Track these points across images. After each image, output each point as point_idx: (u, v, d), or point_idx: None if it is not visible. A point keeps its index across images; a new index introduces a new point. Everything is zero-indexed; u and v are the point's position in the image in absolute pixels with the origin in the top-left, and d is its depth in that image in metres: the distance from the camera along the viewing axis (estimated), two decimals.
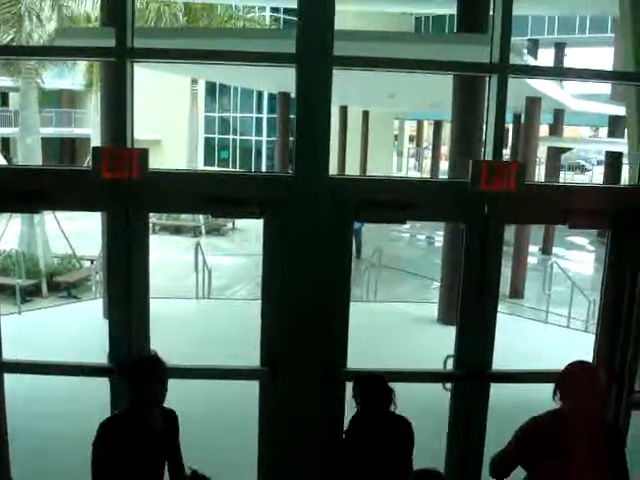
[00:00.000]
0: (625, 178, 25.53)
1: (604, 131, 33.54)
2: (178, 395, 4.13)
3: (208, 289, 13.77)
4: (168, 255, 19.07)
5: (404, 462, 4.12)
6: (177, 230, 25.35)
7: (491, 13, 4.92)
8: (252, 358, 5.07)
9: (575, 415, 3.79)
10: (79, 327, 10.26)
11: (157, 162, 4.99)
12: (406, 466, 4.08)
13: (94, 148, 4.73)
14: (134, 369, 4.01)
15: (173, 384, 4.02)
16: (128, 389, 3.90)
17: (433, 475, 3.54)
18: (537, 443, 3.81)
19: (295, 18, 4.83)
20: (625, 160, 25.38)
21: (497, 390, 5.13)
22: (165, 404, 3.98)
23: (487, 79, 4.94)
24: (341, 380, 4.96)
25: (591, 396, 3.81)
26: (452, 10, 12.17)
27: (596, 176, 40.73)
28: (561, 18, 38.30)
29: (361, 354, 5.20)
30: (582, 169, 47.92)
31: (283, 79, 15.72)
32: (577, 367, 3.92)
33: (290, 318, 4.95)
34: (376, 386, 4.15)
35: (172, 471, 4.03)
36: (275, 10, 36.24)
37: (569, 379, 3.88)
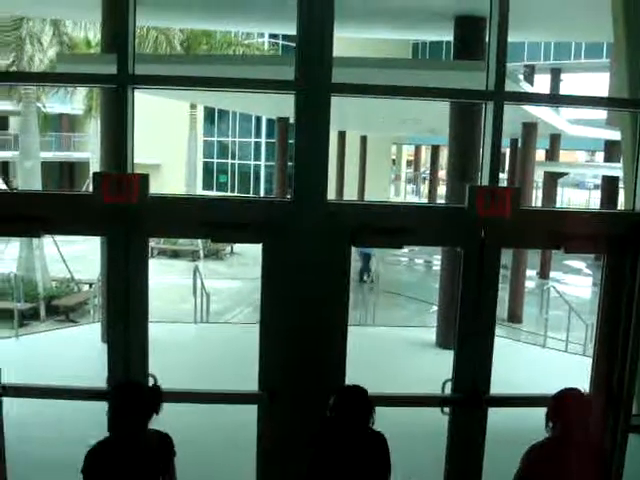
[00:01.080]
0: (621, 202, 25.61)
1: (600, 155, 33.69)
2: (176, 419, 4.14)
3: (206, 313, 13.75)
4: (166, 279, 19.08)
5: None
6: (175, 254, 25.36)
7: (487, 40, 5.00)
8: (250, 382, 5.08)
9: (566, 441, 3.84)
10: (77, 351, 10.24)
11: (156, 186, 5.04)
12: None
13: (95, 173, 4.78)
14: (113, 396, 3.98)
15: (172, 408, 4.03)
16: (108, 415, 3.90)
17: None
18: (544, 465, 3.87)
19: (293, 44, 4.90)
20: (621, 184, 25.47)
21: (496, 416, 5.14)
22: (163, 427, 3.98)
23: (484, 105, 5.01)
24: None
25: (581, 423, 3.87)
26: (449, 37, 12.30)
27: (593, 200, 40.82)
28: (557, 44, 38.64)
29: (359, 378, 5.20)
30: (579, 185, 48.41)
31: (282, 104, 15.83)
32: (566, 396, 3.96)
33: (288, 342, 4.97)
34: (355, 398, 3.96)
35: None
36: (274, 36, 36.58)
37: (559, 409, 3.92)
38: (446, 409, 5.16)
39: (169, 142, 35.13)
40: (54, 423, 6.95)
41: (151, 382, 4.96)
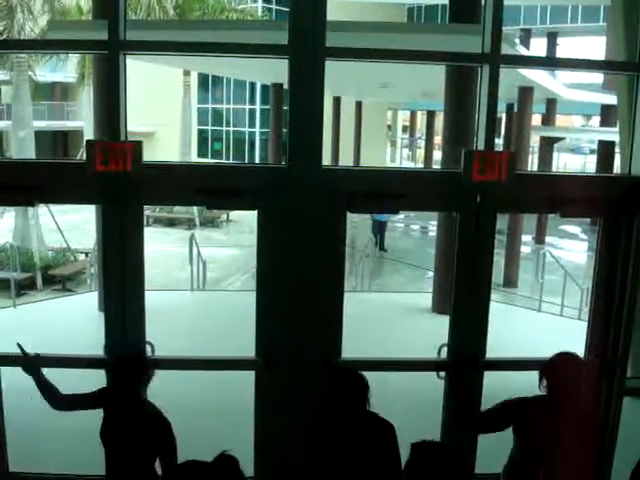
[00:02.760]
0: (617, 166, 25.60)
1: (596, 120, 33.57)
2: (174, 386, 4.17)
3: (203, 281, 13.79)
4: (162, 247, 19.08)
5: (382, 467, 3.79)
6: (171, 222, 25.36)
7: (483, 3, 4.94)
8: (247, 349, 5.10)
9: (560, 403, 3.88)
10: (74, 320, 10.27)
11: (150, 154, 5.00)
12: (387, 471, 3.80)
13: (88, 141, 4.74)
14: (115, 365, 4.14)
15: (169, 375, 4.06)
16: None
17: (437, 446, 3.17)
18: (530, 415, 3.93)
19: (287, 8, 4.84)
20: (617, 149, 25.43)
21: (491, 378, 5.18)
22: (162, 394, 4.02)
23: (479, 69, 4.96)
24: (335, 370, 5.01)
25: (574, 385, 3.90)
26: (444, 0, 12.17)
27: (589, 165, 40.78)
28: (553, 7, 38.33)
29: (356, 344, 5.24)
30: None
31: (276, 70, 15.70)
32: (562, 358, 3.99)
33: (285, 308, 4.98)
34: (347, 382, 3.83)
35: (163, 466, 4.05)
36: (267, 1, 36.19)
37: (554, 370, 3.95)
38: (442, 373, 5.20)
39: (163, 110, 34.91)
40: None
41: (148, 349, 5.00)
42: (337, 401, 3.80)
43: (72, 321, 10.24)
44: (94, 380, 4.84)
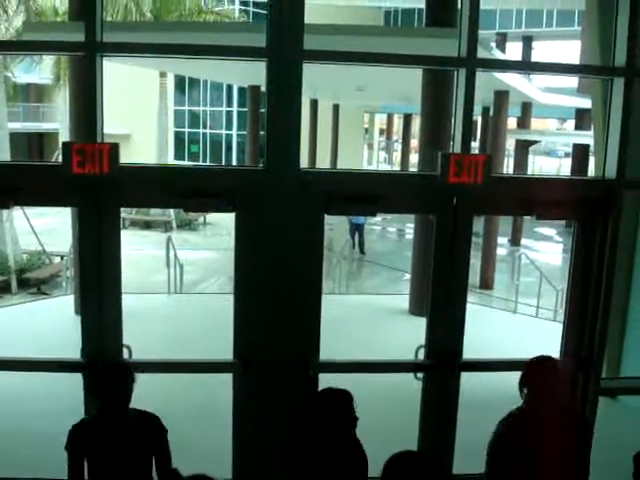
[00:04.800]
0: (592, 170, 25.88)
1: (571, 123, 33.90)
2: (152, 389, 4.14)
3: (180, 284, 13.72)
4: (139, 250, 18.96)
5: None
6: (148, 225, 25.21)
7: (459, 7, 4.98)
8: (225, 352, 5.09)
9: (542, 408, 3.88)
10: (50, 324, 10.17)
11: (127, 156, 4.96)
12: None
13: (64, 143, 4.71)
14: (99, 374, 3.98)
15: (147, 378, 4.03)
16: (94, 393, 3.90)
17: (413, 457, 3.09)
18: (511, 445, 3.86)
19: (264, 11, 4.84)
20: (591, 152, 25.71)
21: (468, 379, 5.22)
22: (140, 397, 3.98)
23: (455, 73, 5.00)
24: (314, 372, 5.02)
25: (556, 389, 3.92)
26: (421, 4, 12.22)
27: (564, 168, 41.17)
28: (529, 11, 38.66)
29: (333, 346, 5.26)
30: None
31: (253, 73, 15.68)
32: (540, 362, 4.00)
33: (262, 311, 4.98)
34: (338, 405, 3.54)
35: (158, 468, 3.99)
36: (244, 3, 36.13)
37: (533, 375, 3.95)
38: (420, 375, 5.23)
39: (139, 112, 34.65)
40: (34, 396, 6.91)
41: (125, 353, 4.97)
42: (320, 422, 3.54)
43: (48, 325, 10.13)
44: (70, 384, 4.82)
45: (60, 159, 4.66)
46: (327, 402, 3.57)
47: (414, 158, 34.37)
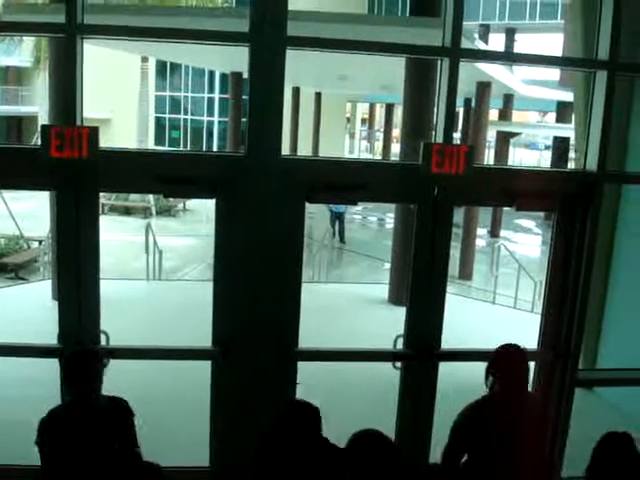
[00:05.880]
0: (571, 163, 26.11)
1: (552, 116, 34.07)
2: (130, 375, 4.12)
3: (159, 270, 13.66)
4: (118, 236, 18.84)
5: None
6: (127, 211, 25.05)
7: None
8: (204, 339, 5.07)
9: (507, 396, 3.93)
10: (28, 309, 10.09)
11: (107, 141, 4.91)
12: None
13: (43, 126, 4.65)
14: (67, 362, 3.96)
15: (125, 365, 4.01)
16: (64, 380, 3.87)
17: (374, 436, 3.13)
18: (476, 430, 3.93)
19: None
20: (572, 145, 25.88)
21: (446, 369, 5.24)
22: (117, 384, 3.96)
23: (438, 63, 4.99)
24: (293, 360, 5.02)
25: (521, 377, 3.97)
26: None
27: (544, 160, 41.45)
28: (512, 4, 38.79)
29: (312, 334, 5.25)
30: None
31: (235, 59, 15.59)
32: (506, 351, 4.04)
33: (242, 298, 4.96)
34: (300, 415, 3.59)
35: (123, 450, 3.96)
36: None
37: (499, 364, 3.99)
38: (398, 364, 5.24)
39: (120, 97, 34.41)
40: (10, 381, 6.85)
41: (103, 339, 4.93)
42: (288, 432, 3.57)
43: (25, 310, 10.05)
44: (47, 369, 4.78)
45: (39, 142, 4.59)
46: (295, 421, 3.58)
47: (395, 148, 34.42)
